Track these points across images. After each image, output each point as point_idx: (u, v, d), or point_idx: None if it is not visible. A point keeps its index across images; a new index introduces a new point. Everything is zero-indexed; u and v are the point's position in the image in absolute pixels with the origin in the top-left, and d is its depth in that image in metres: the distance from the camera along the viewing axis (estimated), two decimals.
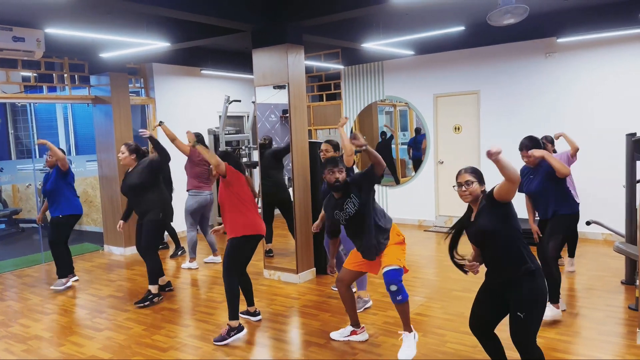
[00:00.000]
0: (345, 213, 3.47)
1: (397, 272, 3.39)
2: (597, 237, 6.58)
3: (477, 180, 2.77)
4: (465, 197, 2.78)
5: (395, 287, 3.34)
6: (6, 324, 4.47)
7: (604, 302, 4.37)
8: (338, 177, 3.44)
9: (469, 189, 2.75)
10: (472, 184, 2.75)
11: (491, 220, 2.67)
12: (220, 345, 3.83)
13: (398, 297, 3.37)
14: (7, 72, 6.15)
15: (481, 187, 2.79)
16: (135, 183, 4.76)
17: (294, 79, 5.22)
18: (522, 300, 2.66)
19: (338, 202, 3.52)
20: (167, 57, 7.31)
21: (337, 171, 3.45)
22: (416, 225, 8.08)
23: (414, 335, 3.53)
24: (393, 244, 3.53)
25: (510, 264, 2.69)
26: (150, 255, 4.87)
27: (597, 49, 6.44)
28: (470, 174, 2.78)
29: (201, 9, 4.62)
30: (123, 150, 4.88)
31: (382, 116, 8.90)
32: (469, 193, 2.75)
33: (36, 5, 4.66)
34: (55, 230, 5.40)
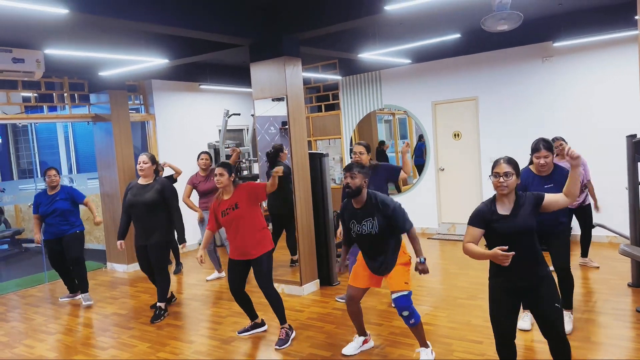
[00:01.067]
0: (361, 228, 3.42)
1: (407, 298, 3.38)
2: (602, 240, 6.54)
3: (515, 173, 2.67)
4: (502, 189, 2.66)
5: (407, 312, 3.35)
6: (11, 345, 4.45)
7: (610, 306, 4.34)
8: (349, 182, 3.37)
9: (508, 181, 2.65)
10: (511, 176, 2.66)
11: (533, 221, 2.65)
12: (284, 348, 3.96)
13: (411, 321, 3.39)
14: (8, 93, 6.19)
15: (517, 179, 2.70)
16: (154, 200, 4.66)
17: (292, 91, 5.24)
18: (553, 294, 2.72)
19: (357, 212, 3.43)
20: (165, 74, 7.35)
21: (349, 176, 3.37)
22: (419, 234, 8.05)
23: (431, 351, 3.54)
24: (399, 263, 3.49)
25: (539, 264, 2.71)
26: (162, 275, 4.84)
27: (593, 52, 6.47)
28: (509, 165, 2.67)
29: (198, 24, 4.66)
30: (145, 160, 4.77)
31: (382, 125, 8.92)
32: (507, 185, 2.65)
33: (35, 26, 4.70)
34: (79, 245, 5.41)
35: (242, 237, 3.93)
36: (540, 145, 3.67)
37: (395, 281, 3.42)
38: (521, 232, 2.65)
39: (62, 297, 5.71)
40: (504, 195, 2.68)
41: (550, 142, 3.73)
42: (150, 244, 4.74)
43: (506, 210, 2.69)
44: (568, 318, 3.85)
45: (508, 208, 2.70)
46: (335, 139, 9.09)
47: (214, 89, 8.44)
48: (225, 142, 8.02)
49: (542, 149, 3.65)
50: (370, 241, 3.44)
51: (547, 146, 3.67)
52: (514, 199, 2.71)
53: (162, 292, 4.86)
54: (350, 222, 3.49)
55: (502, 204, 2.71)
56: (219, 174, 3.91)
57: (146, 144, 7.78)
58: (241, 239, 3.93)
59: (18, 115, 6.52)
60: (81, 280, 5.46)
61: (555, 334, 2.74)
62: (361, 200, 3.42)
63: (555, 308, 2.70)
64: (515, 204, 2.68)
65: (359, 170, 3.38)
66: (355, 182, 3.36)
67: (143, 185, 4.78)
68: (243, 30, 5.08)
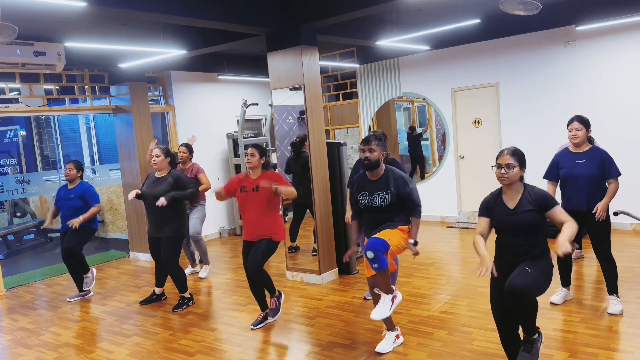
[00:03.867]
0: (372, 200, 3.34)
1: (380, 241, 3.18)
2: (626, 227, 6.42)
3: (518, 164, 2.66)
4: (503, 180, 2.68)
5: (372, 253, 3.15)
6: (38, 332, 4.58)
7: (635, 295, 4.27)
8: (368, 156, 3.31)
9: (509, 173, 2.65)
10: (513, 168, 2.64)
11: (537, 218, 2.65)
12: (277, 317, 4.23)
13: (374, 265, 3.18)
14: (31, 86, 6.30)
15: (521, 171, 2.68)
16: (165, 194, 4.65)
17: (310, 80, 5.23)
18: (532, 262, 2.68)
19: (371, 184, 3.36)
20: (184, 64, 7.39)
21: (367, 150, 3.31)
22: (439, 222, 8.01)
23: (391, 298, 3.38)
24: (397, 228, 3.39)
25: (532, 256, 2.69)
26: (173, 269, 4.86)
27: (617, 36, 6.29)
28: (512, 157, 2.66)
29: (215, 15, 4.66)
30: (158, 153, 4.77)
31: (400, 113, 8.85)
32: (508, 177, 2.66)
33: (55, 19, 4.77)
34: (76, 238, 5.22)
35: (255, 219, 4.04)
36: (574, 118, 3.89)
37: (381, 233, 3.27)
38: (524, 227, 2.67)
39: (70, 297, 5.51)
40: (506, 186, 2.71)
41: (585, 118, 3.89)
42: (162, 238, 4.77)
43: (511, 203, 2.71)
44: (616, 301, 3.91)
45: (513, 201, 2.71)
46: (353, 128, 9.05)
47: (232, 79, 8.47)
48: (243, 132, 8.06)
49: (575, 120, 3.86)
50: (377, 216, 3.36)
51: (580, 119, 3.87)
52: (520, 191, 2.69)
53: (178, 284, 4.89)
54: (360, 193, 3.40)
55: (507, 196, 2.73)
56: (251, 154, 4.06)
57: (166, 135, 7.86)
58: (253, 221, 4.05)
59: (41, 108, 6.64)
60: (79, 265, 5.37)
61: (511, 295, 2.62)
62: (378, 174, 3.36)
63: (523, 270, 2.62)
64: (522, 200, 2.68)
65: (377, 143, 3.32)
66: (374, 156, 3.30)
67: (157, 178, 4.80)
68: (260, 20, 5.07)
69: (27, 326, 4.75)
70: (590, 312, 4.00)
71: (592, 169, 3.83)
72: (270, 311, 4.25)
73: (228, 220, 8.42)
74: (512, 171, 2.64)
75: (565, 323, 3.82)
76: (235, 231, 8.35)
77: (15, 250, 8.44)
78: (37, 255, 8.27)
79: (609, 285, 3.97)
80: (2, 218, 9.45)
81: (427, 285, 4.98)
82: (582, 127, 3.87)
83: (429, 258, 6.01)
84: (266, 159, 4.13)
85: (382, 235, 3.27)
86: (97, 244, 8.53)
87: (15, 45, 5.07)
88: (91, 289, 5.57)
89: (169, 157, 4.84)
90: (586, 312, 4.01)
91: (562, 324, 3.80)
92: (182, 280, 4.92)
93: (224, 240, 7.96)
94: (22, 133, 10.10)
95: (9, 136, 10.01)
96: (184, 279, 4.95)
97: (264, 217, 4.04)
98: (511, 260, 2.77)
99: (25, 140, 10.16)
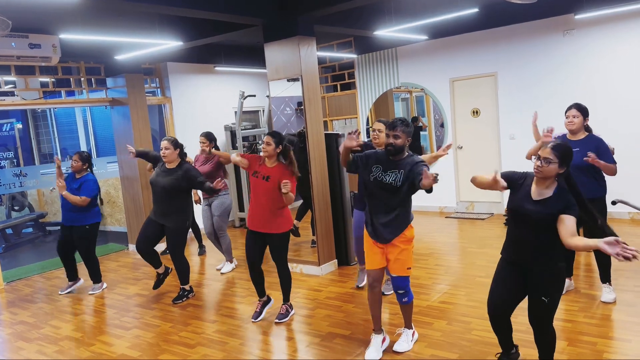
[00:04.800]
0: (384, 175, 3.26)
1: (405, 279, 3.39)
2: (624, 216, 6.44)
3: (558, 161, 2.56)
4: (537, 172, 2.60)
5: (403, 291, 3.40)
6: (38, 326, 4.58)
7: (633, 283, 4.28)
8: (392, 142, 3.22)
9: (545, 167, 2.56)
10: (550, 163, 2.56)
11: (554, 216, 2.56)
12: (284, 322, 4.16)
13: (404, 299, 3.43)
14: (26, 78, 6.26)
15: (560, 169, 2.58)
16: (173, 186, 4.63)
17: (307, 71, 5.20)
18: (547, 286, 2.63)
19: (387, 161, 3.29)
20: (180, 56, 7.34)
21: (392, 135, 3.22)
22: (437, 212, 8.01)
23: (413, 333, 3.57)
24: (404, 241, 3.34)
25: (544, 258, 2.64)
26: (178, 259, 4.86)
27: (617, 24, 6.27)
28: (553, 152, 2.56)
29: (211, 5, 4.62)
30: (167, 146, 4.66)
31: (398, 103, 8.83)
32: (542, 171, 2.58)
33: (50, 11, 4.72)
34: (85, 242, 5.26)
35: (262, 208, 4.01)
36: (573, 105, 3.90)
37: (399, 266, 3.35)
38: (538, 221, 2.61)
39: (61, 290, 5.49)
40: (538, 179, 2.64)
41: (583, 106, 3.90)
42: (166, 227, 4.76)
43: (536, 194, 2.64)
44: (609, 290, 3.96)
45: (538, 194, 2.63)
46: (351, 119, 9.02)
47: (229, 71, 8.42)
48: (241, 124, 8.03)
49: (573, 107, 3.88)
50: (386, 195, 3.28)
51: (578, 106, 3.88)
52: (552, 188, 2.61)
53: (181, 275, 4.91)
54: (374, 165, 3.31)
55: (537, 187, 2.65)
56: (267, 142, 3.99)
57: (164, 127, 7.83)
58: (260, 210, 4.02)
59: (37, 101, 6.60)
60: (92, 274, 5.39)
61: (535, 325, 2.72)
62: (399, 157, 3.29)
63: (540, 301, 2.63)
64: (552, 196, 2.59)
65: (404, 129, 3.22)
66: (399, 142, 3.22)
67: (168, 169, 4.73)
68: (256, 10, 5.03)
69: (26, 320, 4.75)
70: (588, 300, 4.02)
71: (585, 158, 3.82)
72: (279, 315, 4.21)
73: None
74: (548, 166, 2.56)
75: (564, 312, 3.83)
76: (234, 223, 8.35)
77: (14, 244, 8.44)
78: (36, 248, 8.27)
79: (602, 275, 4.00)
80: (0, 212, 9.43)
81: (426, 276, 5.00)
82: (579, 115, 3.86)
83: (428, 248, 6.02)
84: (283, 147, 4.01)
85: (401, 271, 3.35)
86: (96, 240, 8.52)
87: (10, 37, 5.02)
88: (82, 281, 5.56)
89: (178, 149, 4.75)
90: (584, 300, 4.03)
91: (561, 313, 3.81)
92: (185, 271, 4.92)
93: None
94: (19, 126, 10.05)
95: (6, 129, 9.95)
96: (187, 270, 4.95)
97: (271, 205, 4.00)
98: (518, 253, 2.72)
99: (22, 134, 10.11)
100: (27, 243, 8.62)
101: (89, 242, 5.32)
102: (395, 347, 3.48)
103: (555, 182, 2.63)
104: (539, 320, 2.68)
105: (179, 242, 4.83)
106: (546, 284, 2.64)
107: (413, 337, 3.57)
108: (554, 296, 2.64)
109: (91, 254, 5.37)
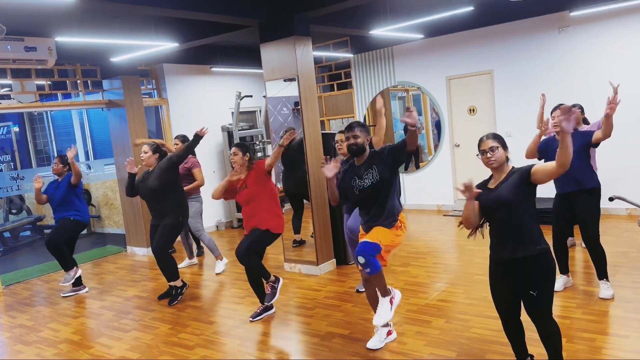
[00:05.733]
0: (362, 182, 3.34)
1: (370, 245, 3.23)
2: (621, 212, 6.46)
3: (500, 145, 2.69)
4: (491, 163, 2.69)
5: (363, 259, 3.20)
6: (36, 329, 4.57)
7: (630, 279, 4.30)
8: (353, 142, 3.34)
9: (494, 155, 2.67)
10: (497, 149, 2.67)
11: (516, 194, 2.60)
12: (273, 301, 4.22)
13: (367, 270, 3.24)
14: (22, 82, 6.25)
15: (506, 152, 2.71)
16: (156, 186, 4.70)
17: (303, 71, 5.20)
18: (534, 279, 2.63)
19: (359, 168, 3.38)
20: (176, 57, 7.34)
21: (352, 136, 3.35)
22: (435, 211, 8.03)
23: (389, 299, 3.42)
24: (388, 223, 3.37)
25: (523, 242, 2.63)
26: (164, 257, 4.83)
27: (611, 21, 6.28)
28: (493, 140, 2.70)
29: (207, 7, 4.62)
30: (146, 150, 4.78)
31: (395, 102, 8.83)
32: (495, 159, 2.67)
33: (45, 14, 4.71)
34: (61, 231, 5.27)
35: (252, 215, 4.09)
36: (558, 106, 3.93)
37: (371, 234, 3.31)
38: (501, 206, 2.63)
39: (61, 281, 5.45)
40: (494, 169, 2.73)
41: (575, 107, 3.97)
42: (161, 225, 4.80)
43: (493, 183, 2.73)
44: (606, 286, 3.96)
45: (495, 181, 2.73)
46: (348, 118, 9.02)
47: (226, 71, 8.42)
48: (238, 125, 8.02)
49: (558, 109, 3.89)
50: (372, 195, 3.34)
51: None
52: (507, 171, 2.71)
53: (167, 272, 4.86)
54: (352, 180, 3.40)
55: (494, 179, 2.75)
56: (233, 153, 4.10)
57: (161, 128, 7.82)
58: (249, 214, 4.11)
59: (33, 104, 6.59)
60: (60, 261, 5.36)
61: (534, 321, 2.72)
62: (364, 157, 3.41)
63: (530, 295, 2.64)
64: (506, 178, 2.68)
65: (361, 129, 3.37)
66: (359, 141, 3.35)
67: (149, 171, 4.83)
68: (251, 11, 5.03)
69: (25, 323, 4.74)
70: (586, 297, 4.03)
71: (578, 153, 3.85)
72: (266, 296, 4.22)
73: (225, 214, 8.42)
74: (497, 152, 2.67)
75: (562, 309, 3.85)
76: (232, 224, 8.35)
77: (12, 247, 8.42)
78: (34, 251, 8.25)
79: (599, 271, 4.01)
80: None
81: (424, 274, 5.00)
82: None
83: (426, 247, 6.03)
84: (250, 154, 4.15)
85: (371, 237, 3.29)
86: (93, 239, 8.52)
87: (6, 41, 5.01)
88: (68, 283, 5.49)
89: (157, 154, 4.83)
90: (581, 297, 4.04)
91: (559, 309, 3.82)
92: (171, 267, 4.88)
93: (221, 233, 7.96)
94: (15, 129, 10.03)
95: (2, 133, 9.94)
96: (172, 266, 4.91)
97: (259, 209, 4.09)
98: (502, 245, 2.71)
99: (18, 137, 10.09)
100: (25, 246, 8.60)
101: (64, 231, 5.28)
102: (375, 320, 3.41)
103: (508, 166, 2.73)
104: (535, 316, 2.69)
105: (168, 240, 4.83)
106: (533, 276, 2.63)
107: (392, 304, 3.43)
108: (543, 289, 2.62)
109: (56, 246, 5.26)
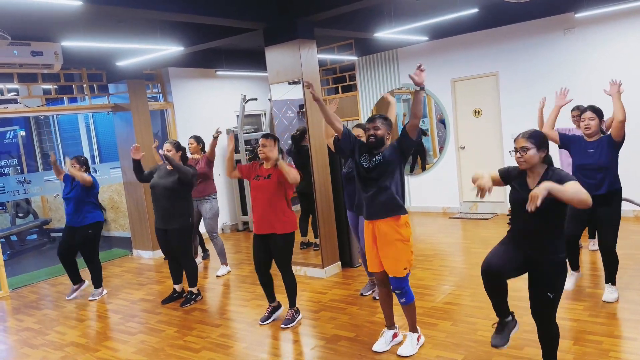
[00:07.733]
0: (369, 161, 3.32)
1: (400, 280, 3.34)
2: (628, 214, 6.42)
3: (535, 146, 2.59)
4: (520, 164, 2.64)
5: (400, 291, 3.36)
6: (43, 332, 4.59)
7: (637, 282, 4.27)
8: (373, 133, 3.31)
9: (524, 155, 2.59)
10: (527, 150, 2.59)
11: (550, 200, 2.46)
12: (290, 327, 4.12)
13: (402, 300, 3.39)
14: (29, 86, 6.29)
15: (540, 153, 2.61)
16: (175, 187, 4.69)
17: (308, 73, 5.21)
18: (552, 281, 2.63)
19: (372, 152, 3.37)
20: (182, 61, 7.37)
21: (372, 127, 3.32)
22: (441, 213, 8.01)
23: (419, 337, 3.52)
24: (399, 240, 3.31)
25: (548, 248, 2.62)
26: (187, 261, 4.89)
27: (617, 22, 6.26)
28: (526, 140, 2.60)
29: (212, 11, 4.64)
30: (169, 148, 4.75)
31: (400, 104, 8.82)
32: (524, 160, 2.61)
33: (51, 19, 4.75)
34: (89, 245, 5.31)
35: (264, 210, 4.01)
36: (588, 107, 3.98)
37: (393, 265, 3.31)
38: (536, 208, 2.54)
39: (68, 295, 5.52)
40: (527, 170, 2.66)
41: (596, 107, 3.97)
42: (170, 230, 4.77)
43: (532, 183, 2.65)
44: (611, 289, 3.94)
45: (533, 182, 2.65)
46: (353, 120, 9.02)
47: (231, 75, 8.44)
48: (243, 127, 8.04)
49: (587, 110, 3.95)
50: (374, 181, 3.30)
51: (592, 109, 3.94)
52: (542, 173, 2.63)
53: (190, 277, 4.93)
54: (362, 155, 3.38)
55: (530, 178, 2.68)
56: (262, 144, 4.03)
57: (166, 131, 7.85)
58: (262, 211, 4.02)
59: (39, 108, 6.63)
60: (94, 278, 5.42)
61: (538, 319, 2.72)
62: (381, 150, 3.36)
63: (546, 297, 2.62)
64: (540, 179, 2.60)
65: (383, 121, 3.33)
66: (379, 133, 3.31)
67: (169, 171, 4.79)
68: (257, 14, 5.05)
69: (32, 326, 4.76)
70: (593, 299, 4.01)
71: (602, 158, 3.85)
72: (286, 320, 4.17)
73: (230, 217, 8.43)
74: (527, 153, 2.59)
75: (569, 311, 3.82)
76: (237, 227, 8.36)
77: (19, 251, 8.46)
78: (41, 255, 8.29)
79: (608, 276, 3.97)
80: (5, 219, 9.46)
81: (430, 277, 4.99)
82: (595, 117, 3.90)
83: (432, 249, 6.02)
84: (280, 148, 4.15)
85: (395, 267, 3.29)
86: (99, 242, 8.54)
87: (12, 45, 5.06)
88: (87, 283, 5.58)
89: (180, 152, 4.83)
90: (589, 299, 4.02)
91: (566, 312, 3.80)
92: (195, 273, 4.95)
93: (227, 237, 7.96)
94: (22, 133, 10.09)
95: (9, 137, 9.99)
96: (196, 272, 4.98)
97: (274, 206, 4.01)
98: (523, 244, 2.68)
99: (25, 141, 10.15)
100: (32, 250, 8.64)
101: (92, 245, 5.35)
102: (400, 351, 3.46)
103: (544, 166, 2.66)
104: (543, 315, 2.69)
105: (186, 242, 4.88)
106: (552, 279, 2.64)
107: (419, 342, 3.50)
108: (559, 291, 2.66)
109: (94, 258, 5.39)
